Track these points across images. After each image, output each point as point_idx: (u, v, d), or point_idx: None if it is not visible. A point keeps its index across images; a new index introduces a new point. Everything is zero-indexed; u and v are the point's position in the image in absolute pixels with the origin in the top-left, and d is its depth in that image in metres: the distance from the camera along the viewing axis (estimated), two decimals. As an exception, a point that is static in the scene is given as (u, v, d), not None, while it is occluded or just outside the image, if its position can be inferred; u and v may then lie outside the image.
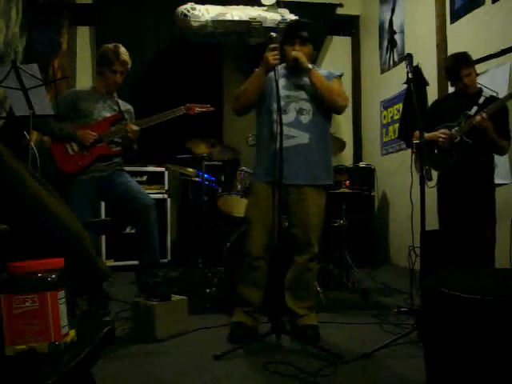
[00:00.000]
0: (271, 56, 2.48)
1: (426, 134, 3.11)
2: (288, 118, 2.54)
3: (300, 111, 2.58)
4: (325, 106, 2.63)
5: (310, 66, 2.58)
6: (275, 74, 2.46)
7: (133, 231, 4.52)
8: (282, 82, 2.58)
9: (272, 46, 2.49)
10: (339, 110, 2.66)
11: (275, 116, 2.50)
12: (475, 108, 3.06)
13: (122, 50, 3.21)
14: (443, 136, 3.09)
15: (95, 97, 3.21)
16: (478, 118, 2.93)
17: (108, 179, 3.15)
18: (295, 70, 2.64)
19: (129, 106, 3.39)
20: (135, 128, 3.16)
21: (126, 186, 3.16)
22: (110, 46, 3.22)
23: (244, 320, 2.65)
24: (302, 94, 2.60)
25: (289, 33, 2.67)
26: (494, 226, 3.09)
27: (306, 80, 2.60)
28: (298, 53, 2.56)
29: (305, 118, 2.58)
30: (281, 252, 2.51)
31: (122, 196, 3.12)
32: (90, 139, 3.08)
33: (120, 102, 3.33)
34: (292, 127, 2.55)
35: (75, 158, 3.09)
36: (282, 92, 2.53)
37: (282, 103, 2.51)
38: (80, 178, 3.07)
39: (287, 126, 2.51)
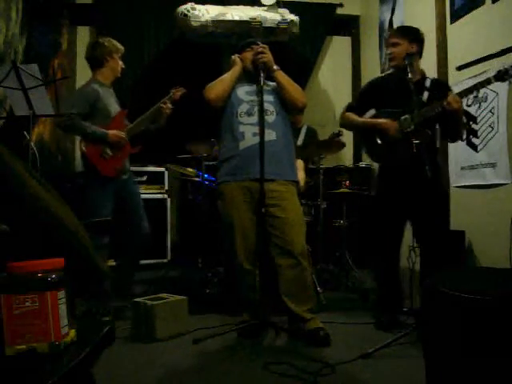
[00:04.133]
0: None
1: (368, 120, 2.93)
2: (254, 118, 2.70)
3: (265, 112, 2.69)
4: (287, 106, 2.81)
5: (275, 66, 2.78)
6: (260, 77, 2.68)
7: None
8: (245, 88, 2.82)
9: (261, 48, 2.73)
10: (301, 107, 2.85)
11: (240, 118, 2.71)
12: (426, 94, 2.80)
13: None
14: (392, 128, 2.79)
15: (107, 93, 3.25)
16: (451, 99, 2.58)
17: (126, 184, 3.29)
18: (255, 77, 2.76)
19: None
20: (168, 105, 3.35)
21: (136, 202, 3.32)
22: (100, 40, 3.30)
23: (251, 318, 2.71)
24: (265, 98, 2.69)
25: (246, 42, 2.93)
26: (448, 222, 2.99)
27: (268, 85, 2.79)
28: (266, 56, 2.73)
29: (269, 118, 2.70)
30: (267, 251, 2.62)
31: (131, 213, 3.27)
32: (123, 142, 3.18)
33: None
34: (259, 126, 2.64)
35: (112, 162, 3.16)
36: (246, 97, 2.77)
37: (248, 107, 2.74)
38: (114, 181, 3.18)
39: (254, 125, 2.68)
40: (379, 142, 2.89)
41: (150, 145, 3.59)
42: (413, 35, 2.90)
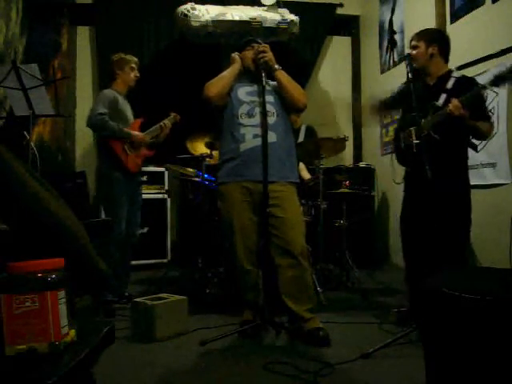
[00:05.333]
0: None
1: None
2: (255, 120, 2.69)
3: (263, 114, 2.66)
4: (287, 106, 2.80)
5: (276, 66, 2.77)
6: (262, 76, 2.65)
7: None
8: (246, 88, 2.79)
9: (262, 47, 2.72)
10: (301, 107, 2.84)
11: (240, 119, 2.70)
12: (443, 96, 2.72)
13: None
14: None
15: (123, 100, 3.47)
16: (450, 106, 2.55)
17: (137, 188, 3.52)
18: (256, 77, 2.76)
19: None
20: (169, 125, 3.58)
21: (137, 210, 3.50)
22: (112, 56, 3.53)
23: (252, 318, 2.71)
24: (266, 98, 2.68)
25: (246, 42, 2.91)
26: (469, 230, 2.76)
27: (268, 84, 2.75)
28: (268, 55, 2.72)
29: (270, 119, 2.68)
30: (267, 250, 2.62)
31: (129, 218, 3.39)
32: (144, 144, 3.46)
33: None
34: (260, 127, 2.65)
35: (134, 158, 3.40)
36: (246, 98, 2.75)
37: (248, 108, 2.72)
38: (133, 179, 3.42)
39: (255, 127, 2.67)
40: (402, 146, 2.89)
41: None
42: (430, 36, 2.86)
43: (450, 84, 2.76)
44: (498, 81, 2.49)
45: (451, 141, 2.71)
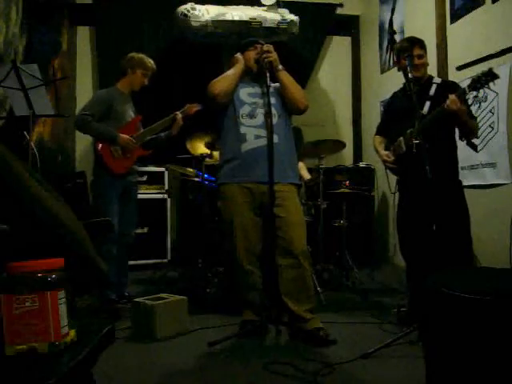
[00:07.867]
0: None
1: (379, 151, 3.03)
2: (257, 121, 2.69)
3: (267, 115, 2.67)
4: (289, 107, 2.79)
5: (280, 66, 2.76)
6: (266, 77, 2.64)
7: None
8: (247, 89, 2.79)
9: (267, 47, 2.70)
10: (302, 109, 2.82)
11: (242, 119, 2.70)
12: (428, 104, 2.73)
13: None
14: (388, 160, 2.92)
15: (122, 98, 3.42)
16: (448, 102, 2.52)
17: (131, 188, 3.45)
18: (258, 78, 2.76)
19: None
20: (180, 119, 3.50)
21: (133, 209, 3.48)
22: (134, 54, 3.50)
23: (252, 318, 2.71)
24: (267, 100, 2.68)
25: (248, 42, 2.88)
26: (469, 227, 2.79)
27: (270, 85, 2.73)
28: (273, 55, 2.71)
29: (272, 121, 2.66)
30: (270, 250, 2.61)
31: (124, 218, 3.36)
32: (132, 146, 3.34)
33: None
34: (261, 128, 2.66)
35: (121, 160, 3.33)
36: (249, 99, 2.75)
37: (250, 109, 2.72)
38: (123, 179, 3.35)
39: (257, 127, 2.67)
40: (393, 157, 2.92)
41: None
42: (424, 45, 2.88)
43: (432, 91, 2.79)
44: (475, 84, 2.49)
45: (442, 144, 2.74)
